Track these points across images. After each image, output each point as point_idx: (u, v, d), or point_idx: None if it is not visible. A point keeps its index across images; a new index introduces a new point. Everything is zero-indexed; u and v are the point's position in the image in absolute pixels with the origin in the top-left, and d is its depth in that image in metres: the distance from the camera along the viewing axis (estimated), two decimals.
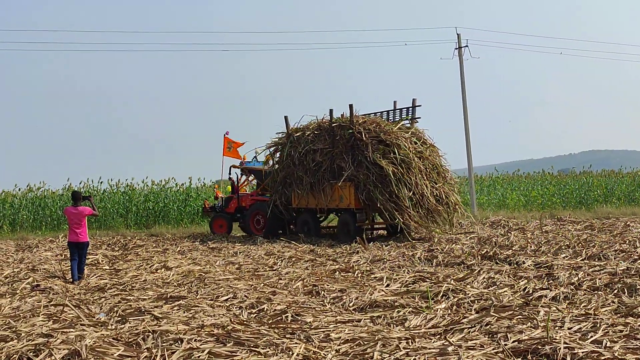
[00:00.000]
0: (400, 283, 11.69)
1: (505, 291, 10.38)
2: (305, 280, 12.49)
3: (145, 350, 7.36)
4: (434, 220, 20.30)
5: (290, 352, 6.86)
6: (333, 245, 18.91)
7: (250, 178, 25.99)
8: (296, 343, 7.28)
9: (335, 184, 20.80)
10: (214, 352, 6.92)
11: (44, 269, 15.69)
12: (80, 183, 33.68)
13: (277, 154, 23.69)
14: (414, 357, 6.48)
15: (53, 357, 6.90)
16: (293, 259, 15.98)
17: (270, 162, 24.20)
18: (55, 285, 13.07)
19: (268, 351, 6.98)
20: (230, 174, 25.85)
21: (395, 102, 23.12)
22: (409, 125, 22.18)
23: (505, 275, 11.87)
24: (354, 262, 15.05)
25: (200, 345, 7.24)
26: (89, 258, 16.58)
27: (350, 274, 13.35)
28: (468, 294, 10.08)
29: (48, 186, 33.69)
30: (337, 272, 13.64)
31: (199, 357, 6.78)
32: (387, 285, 11.60)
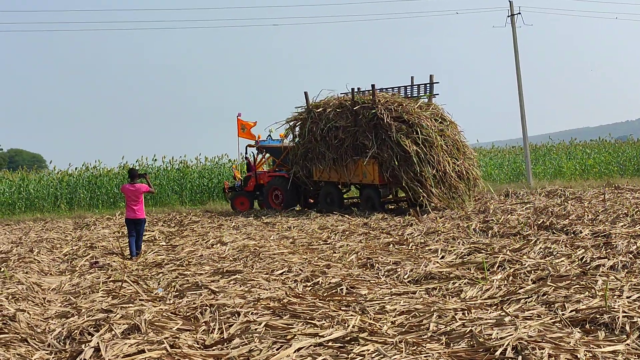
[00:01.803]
0: (455, 255, 11.66)
1: (562, 261, 10.27)
2: (359, 254, 12.53)
3: (203, 323, 7.49)
4: (456, 195, 20.71)
5: (346, 324, 6.89)
6: (386, 219, 18.89)
7: (267, 156, 26.37)
8: (352, 315, 7.31)
9: (359, 160, 21.44)
10: (270, 324, 7.00)
11: (102, 246, 16.01)
12: (135, 161, 34.20)
13: (297, 129, 24.19)
14: (470, 328, 6.46)
15: (113, 332, 7.04)
16: (347, 233, 16.03)
17: (290, 137, 24.72)
18: (114, 261, 13.32)
19: (324, 323, 7.03)
20: (246, 153, 26.56)
21: (412, 78, 23.50)
22: (427, 101, 22.62)
23: (562, 245, 11.74)
24: (407, 234, 15.03)
25: (257, 318, 7.33)
26: (146, 234, 16.87)
27: (404, 246, 13.35)
28: (524, 264, 10.00)
29: (104, 164, 34.28)
30: (391, 245, 13.64)
31: (256, 329, 6.86)
32: (442, 257, 11.57)
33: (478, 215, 17.78)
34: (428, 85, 22.90)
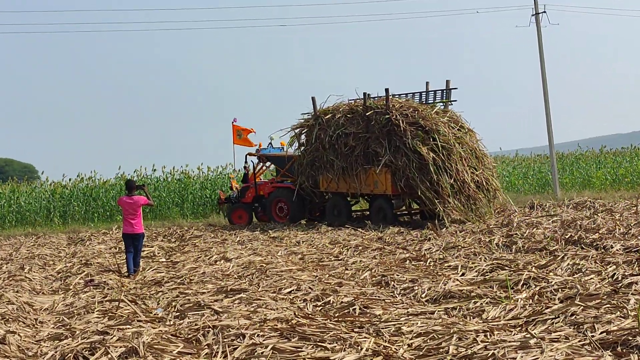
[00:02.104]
0: (476, 272, 11.64)
1: (591, 278, 10.24)
2: (373, 270, 12.53)
3: (206, 346, 7.49)
4: (474, 206, 20.73)
5: (359, 347, 6.89)
6: (402, 233, 18.89)
7: (268, 164, 26.33)
8: (365, 337, 7.31)
9: (370, 169, 21.45)
10: (278, 347, 7.00)
11: (97, 262, 16.04)
12: (133, 172, 34.26)
13: (303, 136, 24.19)
14: (492, 351, 6.45)
15: (109, 356, 7.06)
16: (360, 248, 16.03)
17: (296, 145, 24.68)
18: (110, 279, 13.35)
19: (335, 346, 7.03)
20: (246, 162, 26.42)
21: (427, 84, 23.49)
22: (443, 108, 22.68)
23: (592, 261, 11.70)
24: (425, 250, 15.01)
25: (263, 340, 7.33)
26: (144, 250, 16.88)
27: (421, 262, 13.33)
28: (551, 282, 9.98)
29: (99, 175, 34.34)
30: (408, 261, 13.63)
31: (262, 352, 6.87)
32: (463, 275, 11.55)
33: (501, 229, 17.75)
34: (445, 91, 22.99)
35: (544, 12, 31.92)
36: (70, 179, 33.89)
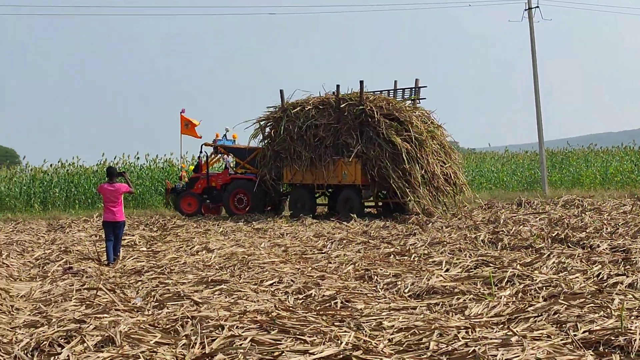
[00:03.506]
0: (461, 268, 11.67)
1: (576, 277, 10.29)
2: (356, 264, 12.55)
3: (184, 337, 7.48)
4: (440, 200, 21.96)
5: (339, 341, 6.90)
6: (387, 227, 18.94)
7: (227, 157, 26.39)
8: (345, 331, 7.33)
9: (339, 160, 22.26)
10: (256, 339, 7.00)
11: (77, 250, 15.99)
12: (115, 158, 34.17)
13: (267, 129, 24.69)
14: (473, 348, 6.48)
15: (85, 344, 7.05)
16: (344, 241, 16.05)
17: (260, 137, 25.10)
18: (89, 267, 13.30)
19: (315, 339, 7.03)
20: (200, 152, 26.47)
21: (395, 82, 24.25)
22: (412, 105, 23.56)
23: (578, 260, 11.77)
24: (410, 245, 15.06)
25: (243, 332, 7.33)
26: (125, 239, 16.85)
27: (406, 257, 13.37)
28: (535, 279, 10.02)
29: (82, 162, 34.23)
30: (392, 256, 13.67)
31: (240, 344, 6.87)
32: (447, 270, 11.58)
33: (487, 225, 17.82)
34: (413, 89, 23.90)
35: (537, 7, 32.04)
36: (51, 165, 33.78)
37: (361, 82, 22.41)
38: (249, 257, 13.68)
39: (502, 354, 6.24)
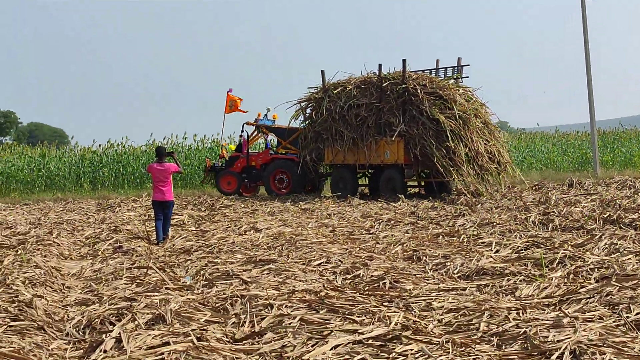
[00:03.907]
0: (511, 249, 11.60)
1: (629, 258, 10.17)
2: (405, 245, 12.54)
3: (233, 315, 7.55)
4: (484, 178, 21.89)
5: (388, 321, 6.91)
6: (436, 207, 18.88)
7: (268, 136, 26.54)
8: (394, 311, 7.34)
9: (382, 139, 22.33)
10: (305, 319, 7.04)
11: (126, 229, 16.20)
12: (164, 139, 34.48)
13: (308, 110, 24.88)
14: (524, 329, 6.44)
15: (136, 322, 7.14)
16: (392, 222, 16.04)
17: (301, 118, 25.30)
18: (139, 246, 13.46)
19: (364, 319, 7.06)
20: (242, 131, 26.49)
21: (437, 61, 24.28)
22: (455, 84, 23.45)
23: (630, 241, 11.62)
24: (459, 225, 14.98)
25: (291, 311, 7.37)
26: (174, 218, 17.02)
27: (455, 238, 13.32)
28: (587, 261, 9.92)
29: (131, 142, 34.59)
30: (441, 237, 13.63)
31: (289, 324, 6.91)
32: (497, 252, 11.52)
33: (538, 206, 17.65)
34: (456, 67, 23.81)
35: None
36: (100, 145, 34.19)
37: (404, 61, 22.43)
38: (297, 237, 13.72)
39: (554, 335, 6.20)
